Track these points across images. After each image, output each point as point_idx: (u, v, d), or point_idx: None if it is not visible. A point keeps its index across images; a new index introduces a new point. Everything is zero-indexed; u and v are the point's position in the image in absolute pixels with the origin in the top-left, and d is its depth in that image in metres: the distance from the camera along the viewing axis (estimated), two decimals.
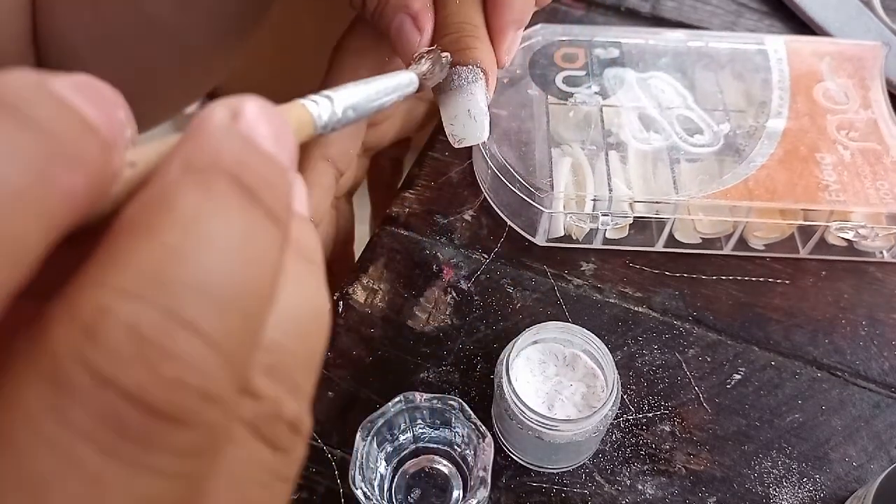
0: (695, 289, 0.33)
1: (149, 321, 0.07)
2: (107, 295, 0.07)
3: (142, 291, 0.07)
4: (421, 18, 0.23)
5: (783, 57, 0.37)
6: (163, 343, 0.07)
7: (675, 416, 0.29)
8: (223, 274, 0.08)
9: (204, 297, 0.08)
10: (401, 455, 0.28)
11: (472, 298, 0.32)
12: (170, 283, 0.07)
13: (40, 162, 0.07)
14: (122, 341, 0.07)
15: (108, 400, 0.07)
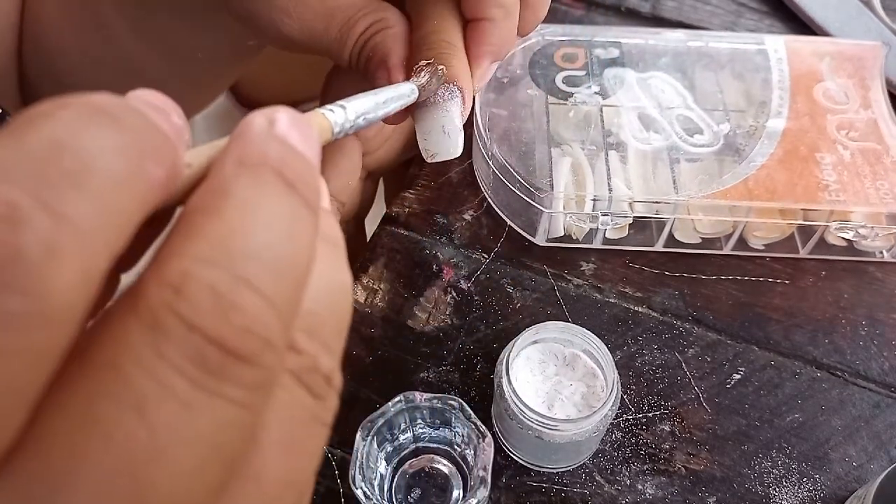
0: (695, 289, 0.33)
1: (222, 282, 0.09)
2: (187, 262, 0.09)
3: (214, 259, 0.09)
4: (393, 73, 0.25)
5: (783, 57, 0.37)
6: (233, 299, 0.09)
7: (675, 416, 0.29)
8: (274, 247, 0.10)
9: (261, 265, 0.10)
10: (401, 455, 0.28)
11: (472, 298, 0.32)
12: (235, 253, 0.10)
13: (137, 156, 0.10)
14: (203, 297, 0.09)
15: (195, 342, 0.09)
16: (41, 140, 0.09)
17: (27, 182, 0.08)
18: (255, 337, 0.09)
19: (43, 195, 0.08)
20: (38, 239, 0.08)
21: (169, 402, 0.09)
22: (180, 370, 0.09)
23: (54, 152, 0.09)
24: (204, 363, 0.09)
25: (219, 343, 0.09)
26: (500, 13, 0.25)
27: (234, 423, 0.09)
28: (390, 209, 0.35)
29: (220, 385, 0.09)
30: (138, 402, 0.09)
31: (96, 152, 0.09)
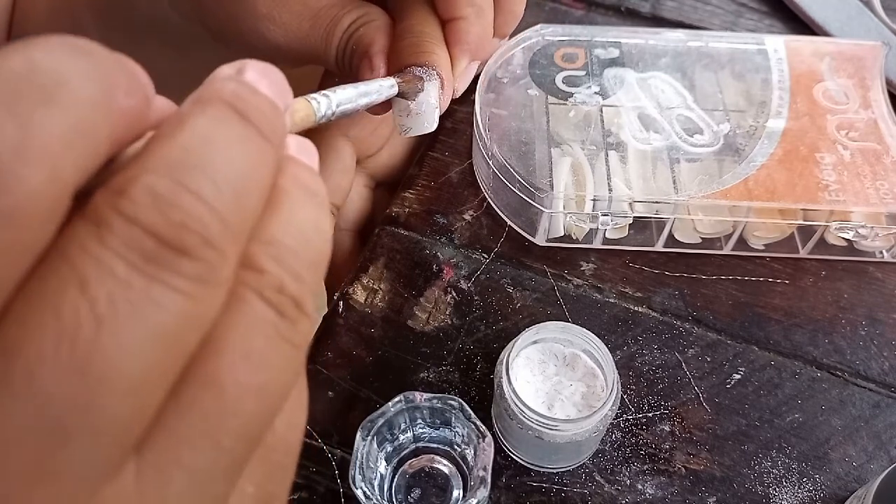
0: (695, 288, 0.33)
1: (163, 185, 0.10)
2: (133, 171, 0.10)
3: (157, 169, 0.10)
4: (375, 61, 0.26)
5: (783, 57, 0.37)
6: (172, 199, 0.10)
7: (675, 416, 0.29)
8: (217, 161, 0.11)
9: (203, 175, 0.11)
10: (401, 455, 0.28)
11: (472, 298, 0.33)
12: (180, 165, 0.10)
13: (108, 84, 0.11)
14: (143, 195, 0.10)
15: (133, 232, 0.10)
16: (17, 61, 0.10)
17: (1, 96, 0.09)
18: (192, 233, 0.10)
19: (14, 106, 0.09)
20: (8, 143, 0.09)
21: (109, 280, 0.10)
22: (120, 255, 0.10)
23: (29, 71, 0.10)
24: (142, 251, 0.10)
25: (155, 233, 0.10)
26: (472, 12, 0.26)
27: (177, 311, 0.10)
28: (390, 209, 0.36)
29: (159, 272, 0.10)
30: (81, 280, 0.10)
31: (69, 74, 0.10)
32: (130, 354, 0.10)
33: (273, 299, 0.12)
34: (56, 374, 0.09)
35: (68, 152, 0.10)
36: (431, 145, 0.38)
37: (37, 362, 0.09)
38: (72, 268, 0.10)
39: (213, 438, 0.11)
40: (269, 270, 0.12)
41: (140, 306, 0.10)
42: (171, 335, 0.10)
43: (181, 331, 0.10)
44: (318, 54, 0.26)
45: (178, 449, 0.11)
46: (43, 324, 0.09)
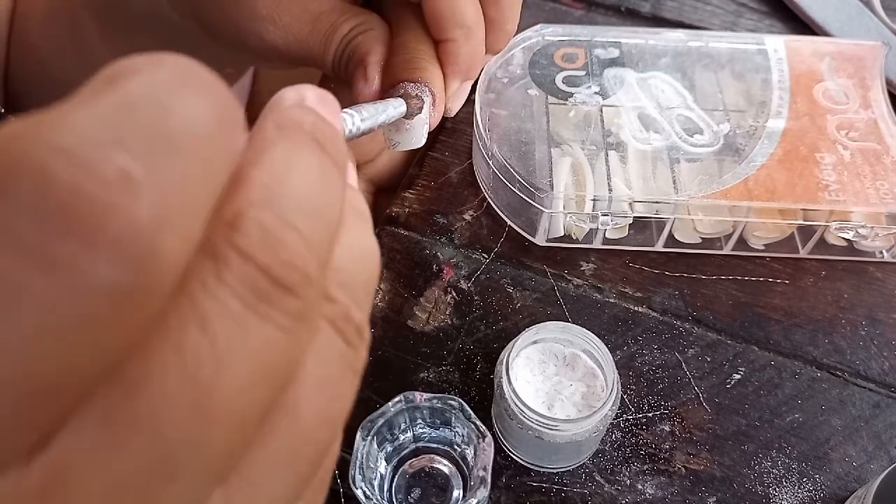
0: (695, 289, 0.33)
1: (270, 221, 0.10)
2: (240, 203, 0.11)
3: (261, 202, 0.11)
4: (370, 71, 0.26)
5: (783, 57, 0.37)
6: (278, 235, 0.10)
7: (675, 416, 0.29)
8: (309, 194, 0.11)
9: (298, 208, 0.11)
10: (401, 455, 0.28)
11: (472, 298, 0.32)
12: (277, 197, 0.11)
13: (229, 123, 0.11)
14: (254, 232, 0.10)
15: (248, 269, 0.10)
16: (145, 100, 0.09)
17: (137, 147, 0.09)
18: (297, 271, 0.11)
19: (153, 163, 0.09)
20: (149, 211, 0.09)
21: (227, 319, 0.10)
22: (236, 293, 0.10)
23: (160, 116, 0.09)
24: (255, 289, 0.10)
25: (267, 272, 0.10)
26: (461, 34, 0.26)
27: (279, 348, 0.10)
28: (390, 209, 0.35)
29: (268, 310, 0.10)
30: (202, 318, 0.10)
31: (197, 119, 0.10)
32: (242, 392, 0.10)
33: (343, 329, 0.12)
34: (176, 411, 0.09)
35: (201, 207, 0.10)
36: (431, 145, 0.38)
37: (160, 400, 0.09)
38: (192, 305, 0.10)
39: (292, 466, 0.11)
40: (338, 299, 0.12)
41: (252, 345, 0.10)
42: (273, 371, 0.11)
43: (280, 367, 0.11)
44: (315, 58, 0.27)
45: (260, 476, 0.11)
46: (165, 362, 0.09)
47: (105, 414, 0.09)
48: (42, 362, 0.08)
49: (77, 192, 0.08)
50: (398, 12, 0.27)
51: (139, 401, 0.09)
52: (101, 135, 0.09)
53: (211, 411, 0.10)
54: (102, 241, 0.08)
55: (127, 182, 0.09)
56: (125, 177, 0.09)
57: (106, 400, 0.09)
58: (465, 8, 0.25)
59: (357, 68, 0.26)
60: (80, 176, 0.08)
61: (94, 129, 0.09)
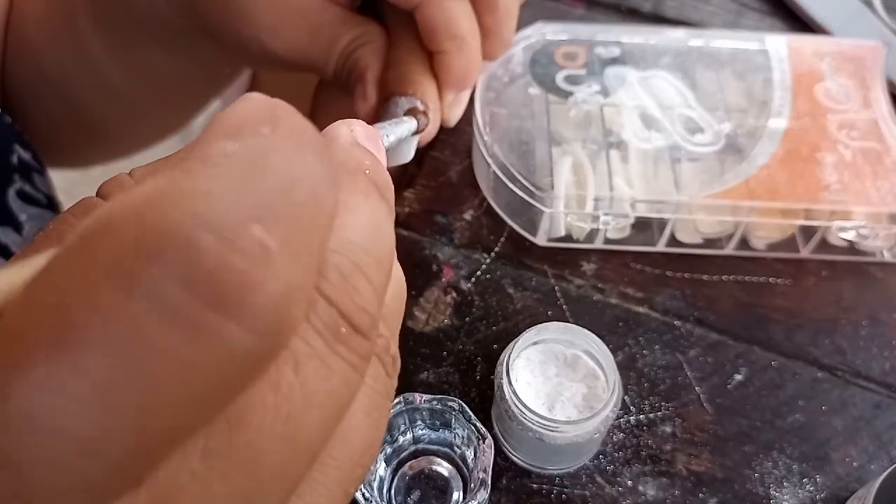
0: (696, 289, 0.33)
1: (346, 267, 0.11)
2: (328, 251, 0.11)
3: (338, 249, 0.11)
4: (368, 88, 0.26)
5: (784, 56, 0.37)
6: (354, 282, 0.11)
7: (677, 417, 0.29)
8: (375, 242, 0.12)
9: (368, 255, 0.12)
10: (400, 456, 0.27)
11: (472, 299, 0.32)
12: (350, 245, 0.12)
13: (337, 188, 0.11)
14: (336, 278, 0.11)
15: (332, 315, 0.11)
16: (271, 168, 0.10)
17: (271, 219, 0.09)
18: (367, 314, 0.11)
19: (285, 236, 0.10)
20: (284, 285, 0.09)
21: (314, 359, 0.11)
22: (322, 336, 0.11)
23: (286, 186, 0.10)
24: (336, 332, 0.11)
25: (346, 316, 0.11)
26: (454, 45, 0.26)
27: (350, 385, 0.11)
28: None
29: (345, 351, 0.11)
30: (296, 361, 0.10)
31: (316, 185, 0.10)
32: (322, 427, 0.11)
33: (384, 360, 0.13)
34: (270, 445, 0.10)
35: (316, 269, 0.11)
36: (431, 145, 0.38)
37: (257, 434, 0.10)
38: (287, 347, 0.10)
39: (343, 487, 0.12)
40: (383, 334, 0.13)
41: (332, 383, 0.11)
42: (343, 406, 0.12)
43: (347, 400, 0.12)
44: (316, 67, 0.27)
45: (318, 498, 0.12)
46: (264, 400, 0.10)
47: (208, 445, 0.10)
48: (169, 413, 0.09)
49: (224, 266, 0.09)
50: (394, 22, 0.27)
51: (240, 435, 0.10)
52: (240, 208, 0.09)
53: (301, 446, 0.11)
54: (244, 313, 0.09)
55: (265, 255, 0.09)
56: (264, 250, 0.09)
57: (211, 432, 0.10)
58: (457, 19, 0.25)
59: (357, 84, 0.26)
60: (226, 250, 0.09)
61: (233, 200, 0.09)
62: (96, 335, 0.08)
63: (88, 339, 0.08)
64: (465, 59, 0.26)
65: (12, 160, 0.31)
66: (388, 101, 0.26)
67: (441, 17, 0.25)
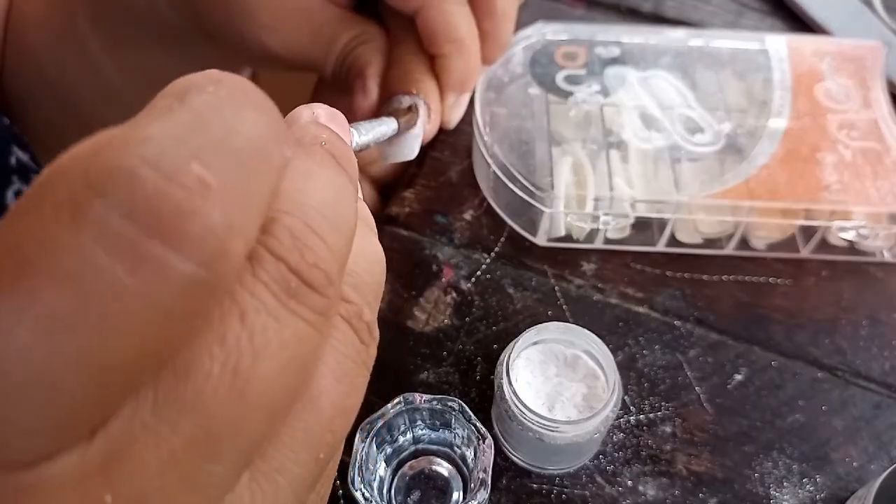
0: (696, 289, 0.33)
1: (297, 227, 0.12)
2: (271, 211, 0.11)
3: (292, 211, 0.12)
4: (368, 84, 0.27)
5: (784, 56, 0.37)
6: (306, 241, 0.12)
7: (677, 417, 0.29)
8: (329, 205, 0.12)
9: (321, 217, 0.12)
10: (400, 456, 0.27)
11: (472, 299, 0.32)
12: (304, 207, 0.12)
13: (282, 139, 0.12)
14: (285, 236, 0.11)
15: (281, 269, 0.11)
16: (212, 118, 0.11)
17: (210, 160, 0.10)
18: (321, 272, 0.12)
19: (223, 174, 0.10)
20: (223, 216, 0.10)
21: (262, 313, 0.11)
22: (270, 290, 0.11)
23: (226, 132, 0.10)
24: (287, 286, 0.11)
25: (297, 272, 0.11)
26: (453, 49, 0.26)
27: (306, 340, 0.11)
28: (390, 209, 0.35)
29: (298, 306, 0.11)
30: (241, 312, 0.11)
31: (257, 136, 0.11)
32: (276, 380, 0.11)
33: (357, 326, 0.13)
34: (219, 395, 0.10)
35: (258, 216, 0.11)
36: (431, 144, 0.38)
37: (204, 384, 0.10)
38: (233, 300, 0.11)
39: (313, 452, 0.12)
40: (353, 300, 0.13)
41: (284, 337, 0.11)
42: (300, 361, 0.12)
43: (307, 357, 0.12)
44: (315, 66, 0.27)
45: (285, 461, 0.12)
46: (211, 350, 0.10)
47: (157, 395, 0.10)
48: (118, 345, 0.09)
49: (163, 196, 0.09)
50: (395, 24, 0.27)
51: (187, 384, 0.10)
52: (180, 147, 0.10)
53: (248, 396, 0.11)
54: (184, 240, 0.09)
55: (204, 189, 0.10)
56: (203, 185, 0.10)
57: (158, 383, 0.10)
58: (457, 23, 0.26)
59: (356, 81, 0.26)
60: (164, 182, 0.09)
61: (175, 142, 0.10)
62: (48, 266, 0.09)
63: (41, 271, 0.09)
64: (464, 63, 0.27)
65: (10, 161, 0.31)
66: (391, 99, 0.26)
67: (441, 21, 0.25)
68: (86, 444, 0.10)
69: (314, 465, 0.12)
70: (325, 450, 0.13)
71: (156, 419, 0.10)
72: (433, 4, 0.25)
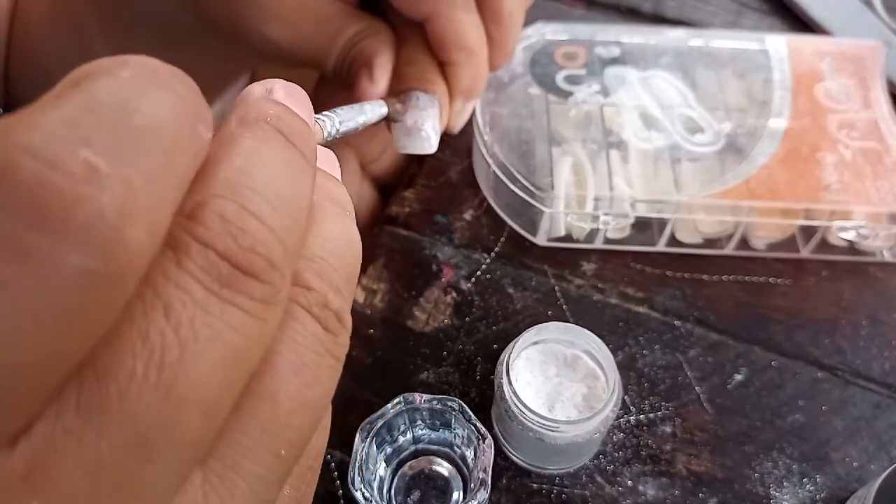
0: (696, 289, 0.33)
1: (229, 210, 0.11)
2: (201, 195, 0.11)
3: (222, 192, 0.11)
4: (376, 72, 0.26)
5: (784, 56, 0.37)
6: (239, 224, 0.11)
7: (677, 417, 0.29)
8: (272, 185, 0.11)
9: (261, 198, 0.11)
10: (400, 456, 0.27)
11: (472, 298, 0.32)
12: (239, 188, 0.11)
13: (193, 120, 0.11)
14: (214, 221, 0.11)
15: (209, 256, 0.10)
16: (110, 100, 0.10)
17: (102, 143, 0.09)
18: (259, 256, 0.11)
19: (117, 157, 0.09)
20: (115, 201, 0.09)
21: (189, 305, 0.10)
22: (198, 279, 0.10)
23: (124, 113, 0.10)
24: (217, 275, 0.10)
25: (228, 258, 0.11)
26: (463, 56, 0.26)
27: (247, 333, 0.11)
28: (390, 209, 0.35)
29: (233, 295, 0.11)
30: (165, 305, 0.10)
31: (161, 116, 0.10)
32: (208, 375, 0.10)
33: (319, 314, 0.12)
34: (144, 395, 0.10)
35: (166, 201, 0.10)
36: None
37: (127, 384, 0.10)
38: (156, 293, 0.10)
39: (271, 449, 0.12)
40: (314, 287, 0.12)
41: (217, 329, 0.10)
42: (241, 355, 0.11)
43: (249, 350, 0.11)
44: (318, 59, 0.27)
45: (240, 459, 0.11)
46: (133, 348, 0.10)
47: (80, 399, 0.10)
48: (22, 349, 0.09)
49: (44, 186, 0.09)
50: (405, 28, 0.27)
51: (109, 386, 0.10)
52: (67, 133, 0.09)
53: (179, 394, 0.10)
54: (70, 230, 0.09)
55: (92, 174, 0.09)
56: (90, 170, 0.09)
57: (80, 386, 0.10)
58: (467, 30, 0.26)
59: (361, 69, 0.26)
60: (46, 171, 0.09)
61: (60, 127, 0.09)
62: None
63: None
64: (473, 70, 0.27)
65: None
66: (408, 93, 0.26)
67: (452, 28, 0.25)
68: (8, 451, 0.09)
69: (276, 462, 0.12)
70: (285, 446, 0.12)
71: (79, 423, 0.10)
72: (444, 12, 0.25)
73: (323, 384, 0.12)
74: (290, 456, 0.12)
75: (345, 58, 0.26)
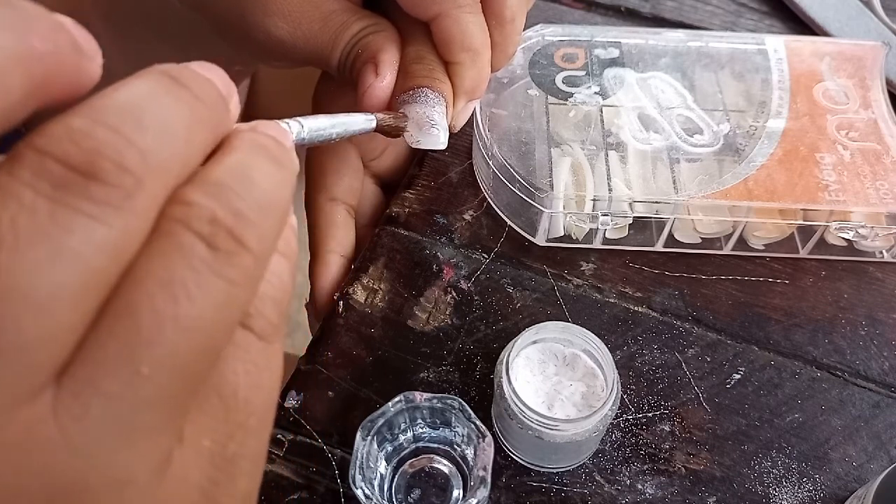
0: (695, 289, 0.33)
1: (79, 122, 0.11)
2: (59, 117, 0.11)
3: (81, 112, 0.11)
4: (381, 67, 0.26)
5: (783, 57, 0.37)
6: (86, 132, 0.11)
7: (675, 416, 0.29)
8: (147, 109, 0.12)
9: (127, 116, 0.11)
10: (401, 455, 0.28)
11: (472, 298, 0.32)
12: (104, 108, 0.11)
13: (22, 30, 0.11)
14: (58, 130, 0.11)
15: (43, 162, 0.10)
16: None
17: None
18: (104, 158, 0.11)
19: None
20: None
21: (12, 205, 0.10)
22: (27, 184, 0.10)
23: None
24: (50, 178, 0.10)
25: (63, 161, 0.10)
26: (467, 57, 0.26)
27: (90, 237, 0.11)
28: (390, 209, 0.35)
29: (68, 197, 0.10)
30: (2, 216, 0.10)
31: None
32: (37, 274, 0.10)
33: (203, 230, 0.12)
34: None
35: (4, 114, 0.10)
36: None
37: None
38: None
39: (130, 366, 0.11)
40: (197, 202, 0.12)
41: (45, 229, 0.10)
42: (83, 260, 0.10)
43: (96, 258, 0.11)
44: (322, 56, 0.27)
45: (94, 376, 0.11)
46: None
47: None
48: None
49: None
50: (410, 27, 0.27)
51: None
52: None
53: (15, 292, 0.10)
54: None
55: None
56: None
57: None
58: (472, 32, 0.26)
59: (366, 65, 0.26)
60: None
61: None
62: None
63: None
64: (476, 70, 0.27)
65: None
66: (418, 90, 0.26)
67: (457, 29, 0.26)
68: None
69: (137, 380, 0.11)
70: (148, 363, 0.11)
71: None
72: (450, 13, 0.25)
73: (204, 303, 0.12)
74: (161, 378, 0.11)
75: (349, 54, 0.27)
